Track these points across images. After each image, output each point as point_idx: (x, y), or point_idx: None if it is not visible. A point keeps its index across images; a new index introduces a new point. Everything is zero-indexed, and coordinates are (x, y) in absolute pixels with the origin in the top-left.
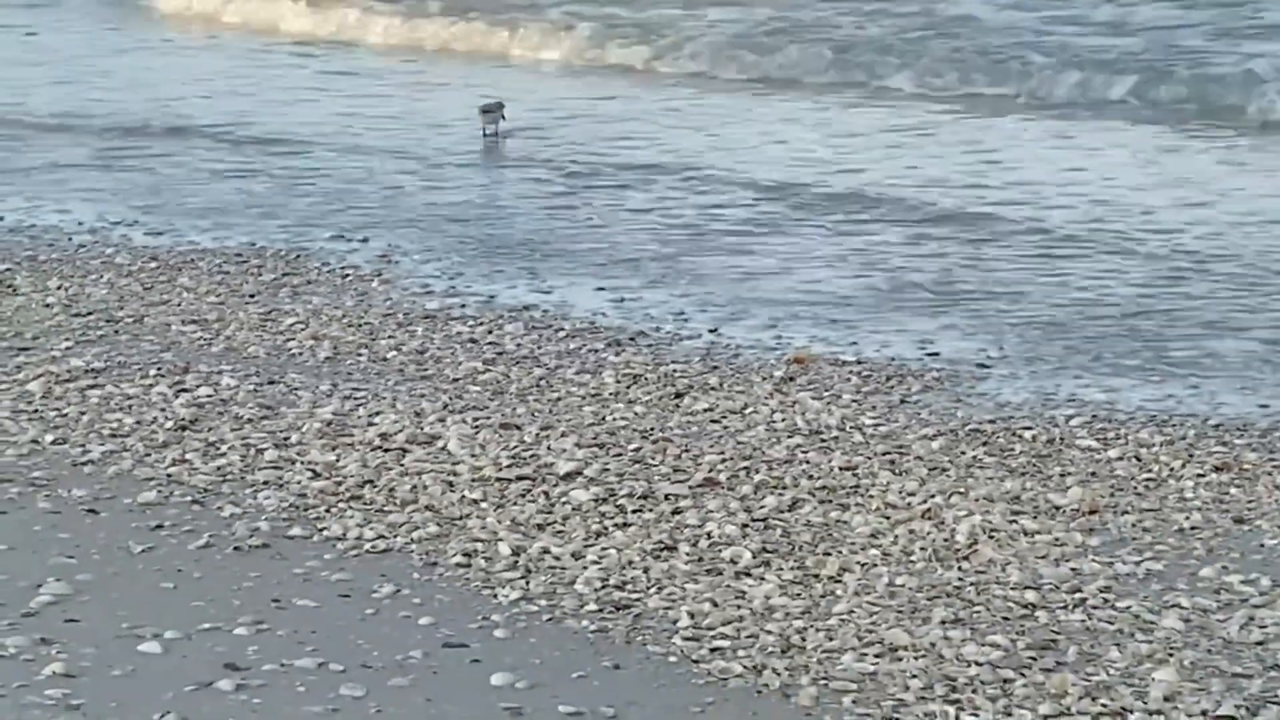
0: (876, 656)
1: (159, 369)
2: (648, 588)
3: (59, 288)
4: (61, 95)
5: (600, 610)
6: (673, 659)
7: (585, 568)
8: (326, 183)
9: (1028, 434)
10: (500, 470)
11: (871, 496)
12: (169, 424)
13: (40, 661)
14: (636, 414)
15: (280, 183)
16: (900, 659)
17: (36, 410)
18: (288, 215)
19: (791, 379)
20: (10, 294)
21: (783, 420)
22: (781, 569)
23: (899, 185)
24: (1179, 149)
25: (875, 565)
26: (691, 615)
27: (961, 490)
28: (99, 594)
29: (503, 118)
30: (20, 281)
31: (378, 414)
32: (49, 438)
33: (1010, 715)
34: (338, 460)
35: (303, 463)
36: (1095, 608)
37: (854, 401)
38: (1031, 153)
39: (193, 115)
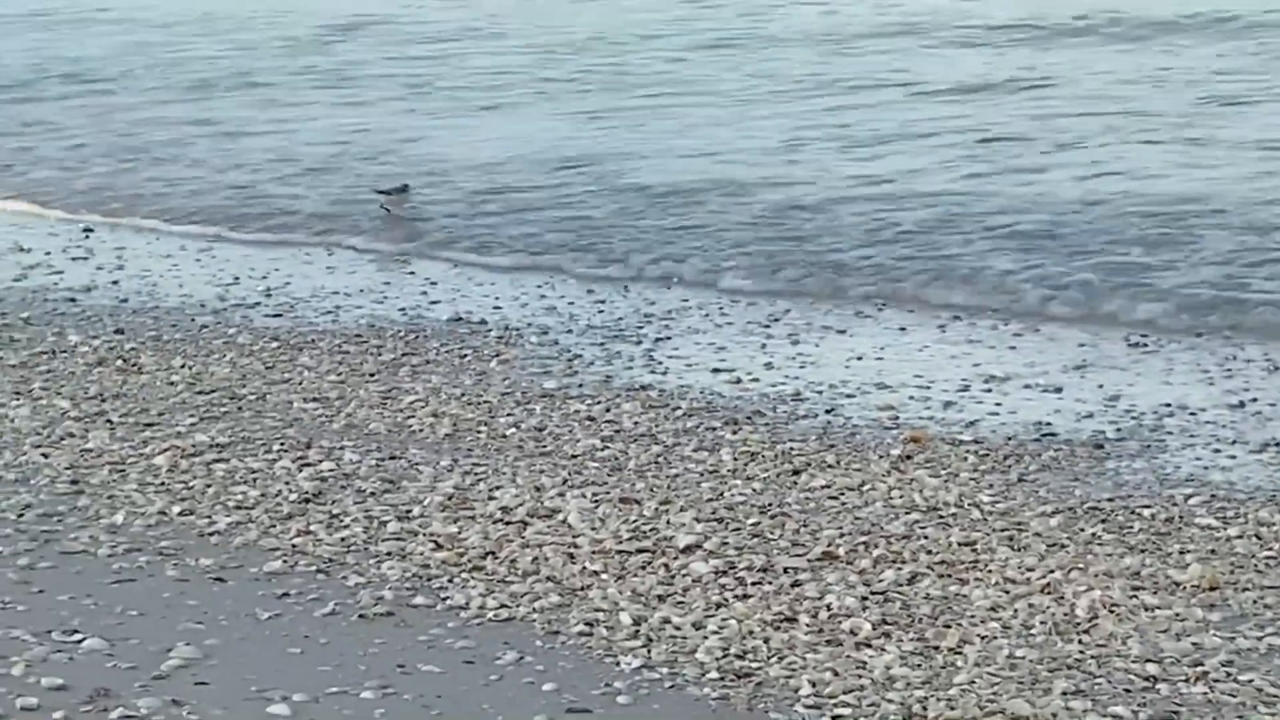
0: None
1: (282, 444)
2: (768, 657)
3: (183, 366)
4: None
5: (722, 678)
6: None
7: (706, 637)
8: None
9: (1146, 512)
10: (620, 543)
11: (990, 571)
12: (293, 497)
13: None
14: (754, 490)
15: None
16: None
17: (163, 483)
18: None
19: (909, 457)
20: (136, 372)
21: (900, 497)
22: (901, 640)
23: None
24: None
25: (995, 638)
26: (813, 684)
27: (1081, 566)
28: (227, 658)
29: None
30: (145, 360)
31: (498, 488)
32: (176, 509)
33: None
34: (459, 532)
35: (425, 534)
36: (1217, 681)
37: (971, 479)
38: None
39: None
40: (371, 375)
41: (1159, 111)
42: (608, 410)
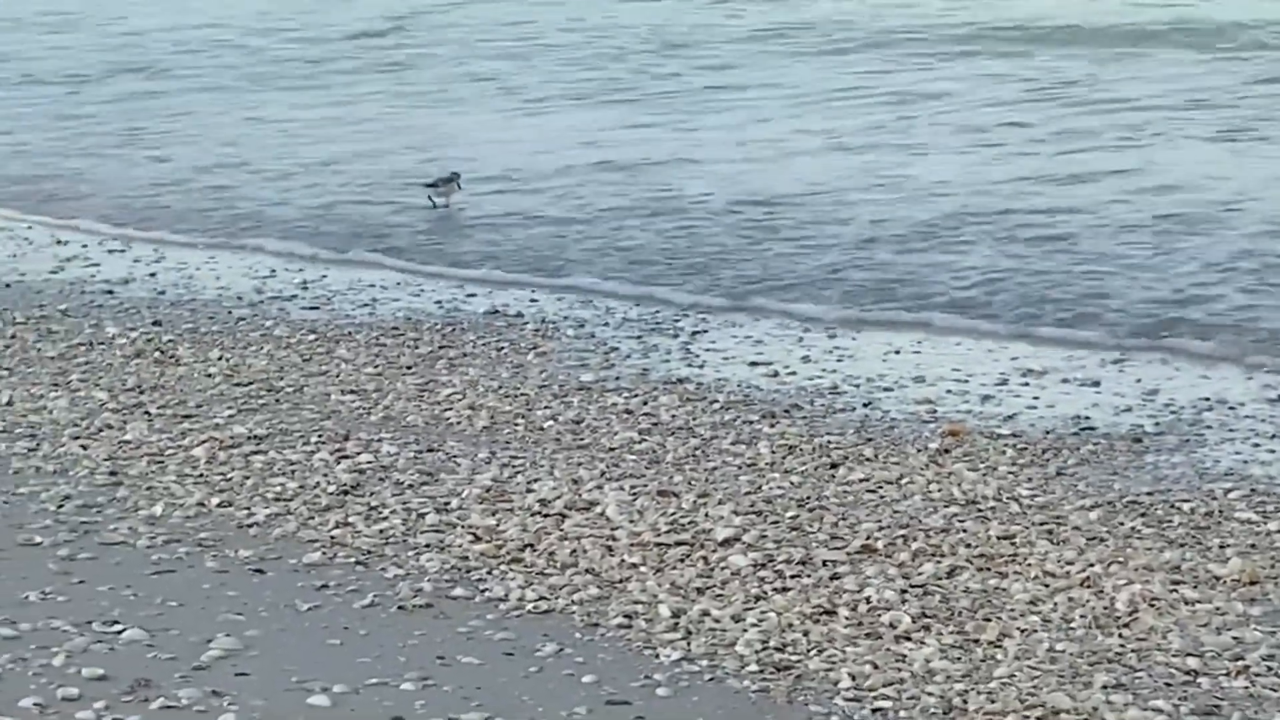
0: (1039, 719)
1: (320, 436)
2: (808, 650)
3: (220, 358)
4: None
5: (761, 671)
6: (835, 718)
7: (745, 630)
8: None
9: (1186, 506)
10: (659, 536)
11: (1030, 565)
12: (331, 489)
13: (212, 713)
14: (792, 483)
15: None
16: None
17: (202, 475)
18: None
19: (947, 451)
20: (174, 364)
21: (939, 490)
22: (941, 634)
23: None
24: None
25: (1035, 631)
26: (853, 677)
27: (1120, 560)
28: (268, 649)
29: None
30: (183, 352)
31: (536, 481)
32: (215, 501)
33: None
34: (498, 525)
35: (464, 527)
36: (1258, 675)
37: (1010, 473)
38: None
39: None
40: (409, 368)
41: (1205, 116)
42: (645, 403)
